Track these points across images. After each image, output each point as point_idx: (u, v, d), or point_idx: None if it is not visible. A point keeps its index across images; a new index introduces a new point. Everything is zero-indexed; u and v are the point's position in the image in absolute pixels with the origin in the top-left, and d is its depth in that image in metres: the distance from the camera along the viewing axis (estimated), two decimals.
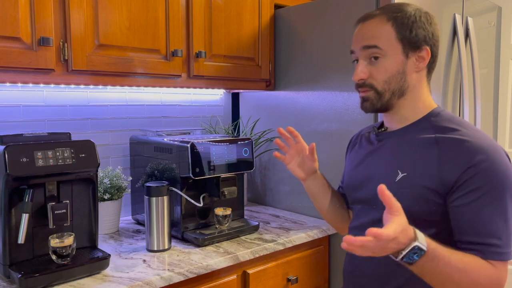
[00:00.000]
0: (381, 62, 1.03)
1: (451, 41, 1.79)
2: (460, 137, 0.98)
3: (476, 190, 0.93)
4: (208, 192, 1.67)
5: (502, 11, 2.24)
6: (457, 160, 0.95)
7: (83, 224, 1.39)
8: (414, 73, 1.05)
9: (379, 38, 1.03)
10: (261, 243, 1.56)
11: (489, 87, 2.15)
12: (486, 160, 0.93)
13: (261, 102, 2.13)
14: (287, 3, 2.03)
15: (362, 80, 1.06)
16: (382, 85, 1.04)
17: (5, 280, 1.25)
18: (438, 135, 1.01)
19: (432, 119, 1.05)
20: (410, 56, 1.03)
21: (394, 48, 1.02)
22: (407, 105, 1.07)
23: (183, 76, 1.70)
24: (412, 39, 1.02)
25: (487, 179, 0.93)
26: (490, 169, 0.93)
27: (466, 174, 0.94)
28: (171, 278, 1.30)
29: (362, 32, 1.06)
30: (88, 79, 1.46)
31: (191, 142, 1.55)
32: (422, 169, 0.99)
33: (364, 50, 1.04)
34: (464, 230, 0.96)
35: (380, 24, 1.04)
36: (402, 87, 1.04)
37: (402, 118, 1.08)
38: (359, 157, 1.18)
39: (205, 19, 1.73)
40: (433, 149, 1.00)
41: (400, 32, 1.02)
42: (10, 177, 1.20)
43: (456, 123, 1.03)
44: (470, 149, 0.95)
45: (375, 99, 1.05)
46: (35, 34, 1.31)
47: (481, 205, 0.93)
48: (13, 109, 1.62)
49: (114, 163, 1.87)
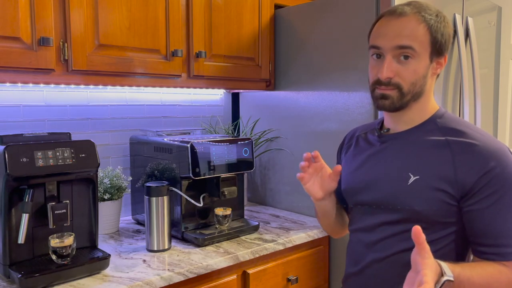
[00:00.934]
0: (411, 63, 0.99)
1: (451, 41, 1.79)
2: (471, 140, 0.98)
3: (492, 195, 0.95)
4: (208, 192, 1.67)
5: (502, 11, 2.24)
6: (472, 164, 0.96)
7: (83, 224, 1.39)
8: (430, 77, 1.04)
9: (415, 39, 0.98)
10: (261, 243, 1.56)
11: (489, 87, 2.15)
12: (499, 165, 0.95)
13: (261, 102, 2.13)
14: (287, 3, 2.03)
15: (389, 79, 1.00)
16: (408, 86, 1.00)
17: (5, 280, 1.25)
18: (449, 138, 1.01)
19: (438, 120, 1.05)
20: (433, 60, 1.02)
21: (425, 51, 1.00)
22: (418, 108, 1.05)
23: (183, 76, 1.70)
24: (441, 45, 1.01)
25: (502, 183, 0.95)
26: (504, 174, 0.95)
27: (482, 179, 0.95)
28: (171, 278, 1.30)
29: (395, 29, 0.99)
30: (88, 79, 1.46)
31: (191, 142, 1.55)
32: (436, 171, 0.98)
33: (397, 49, 0.99)
34: (481, 233, 0.97)
35: (416, 24, 0.99)
36: (421, 91, 1.03)
37: (410, 120, 1.07)
38: (360, 159, 1.15)
39: (205, 19, 1.73)
40: (445, 152, 0.99)
41: (433, 36, 1.00)
42: (10, 177, 1.20)
43: (462, 125, 1.03)
44: (483, 154, 0.96)
45: (397, 98, 1.01)
46: (35, 34, 1.31)
47: (497, 209, 0.95)
48: (13, 109, 1.62)
49: (114, 163, 1.87)
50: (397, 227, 1.02)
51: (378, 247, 1.06)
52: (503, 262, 0.95)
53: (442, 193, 0.97)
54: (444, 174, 0.97)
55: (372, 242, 1.07)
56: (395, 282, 1.04)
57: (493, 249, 0.96)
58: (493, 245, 0.96)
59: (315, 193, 1.14)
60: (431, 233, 0.99)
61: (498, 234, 0.95)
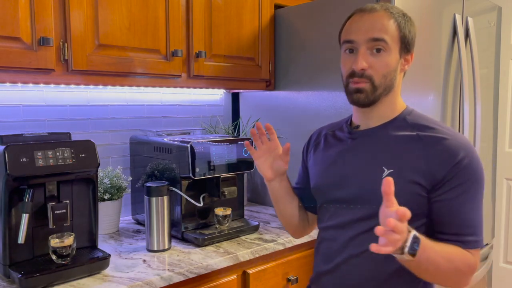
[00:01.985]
0: (383, 56, 1.03)
1: (451, 41, 1.79)
2: (441, 135, 1.03)
3: (459, 186, 1.00)
4: (208, 192, 1.67)
5: (502, 11, 2.24)
6: (443, 156, 1.00)
7: (83, 224, 1.39)
8: (399, 73, 1.09)
9: (386, 32, 1.03)
10: (261, 243, 1.56)
11: (489, 87, 2.15)
12: (467, 157, 1.00)
13: (261, 102, 2.13)
14: (287, 3, 2.03)
15: (363, 70, 1.04)
16: (380, 78, 1.04)
17: (5, 280, 1.25)
18: (420, 133, 1.05)
19: (407, 117, 1.09)
20: (402, 56, 1.07)
21: (395, 45, 1.04)
22: (388, 103, 1.09)
23: (183, 76, 1.70)
24: (408, 41, 1.06)
25: (469, 175, 1.00)
26: (471, 166, 1.00)
27: (452, 170, 0.99)
28: (171, 278, 1.30)
29: (368, 23, 1.04)
30: (88, 79, 1.46)
31: (191, 142, 1.55)
32: (409, 164, 1.02)
33: (371, 41, 1.03)
34: (447, 223, 1.01)
35: (387, 19, 1.04)
36: (392, 84, 1.07)
37: (381, 115, 1.10)
38: (330, 156, 1.16)
39: (205, 19, 1.73)
40: (418, 146, 1.03)
41: (402, 31, 1.05)
42: (10, 177, 1.20)
43: (431, 121, 1.08)
44: (453, 147, 1.01)
45: (370, 91, 1.05)
46: (35, 34, 1.31)
47: (463, 200, 1.00)
48: (13, 109, 1.62)
49: (114, 163, 1.87)
50: (373, 221, 1.03)
51: (355, 243, 1.07)
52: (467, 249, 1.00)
53: (416, 185, 1.01)
54: (417, 167, 1.01)
55: (349, 238, 1.07)
56: (371, 276, 1.06)
57: (456, 237, 1.00)
58: (457, 233, 1.00)
59: (265, 171, 1.20)
60: None
61: (462, 224, 1.00)
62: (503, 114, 2.55)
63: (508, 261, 2.62)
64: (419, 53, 1.65)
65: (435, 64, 1.73)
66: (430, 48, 1.70)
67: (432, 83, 1.72)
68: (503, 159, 2.55)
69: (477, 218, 1.02)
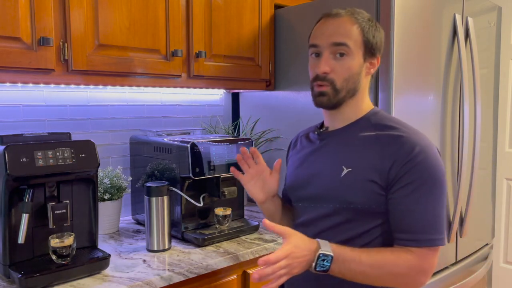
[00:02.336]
0: (346, 60, 1.07)
1: (451, 41, 1.79)
2: (397, 133, 1.05)
3: (413, 182, 1.00)
4: (208, 192, 1.67)
5: (502, 11, 2.24)
6: (398, 154, 1.02)
7: (83, 224, 1.39)
8: (365, 76, 1.11)
9: (349, 37, 1.06)
10: (261, 243, 1.56)
11: (489, 87, 2.14)
12: (421, 154, 1.01)
13: (261, 102, 2.13)
14: (287, 3, 2.03)
15: (325, 74, 1.07)
16: (341, 82, 1.07)
17: (5, 280, 1.25)
18: (379, 133, 1.07)
19: (372, 118, 1.12)
20: (366, 60, 1.10)
21: (358, 49, 1.07)
22: (353, 105, 1.12)
23: (183, 76, 1.70)
24: (373, 46, 1.09)
25: (421, 173, 1.00)
26: (424, 164, 1.01)
27: (405, 167, 1.00)
28: (171, 278, 1.30)
29: (331, 28, 1.08)
30: (88, 79, 1.46)
31: (191, 142, 1.55)
32: (366, 164, 1.04)
33: (333, 46, 1.07)
34: (401, 220, 1.02)
35: (350, 24, 1.07)
36: (355, 88, 1.09)
37: (346, 117, 1.13)
38: (302, 157, 1.20)
39: (205, 19, 1.73)
40: (375, 145, 1.05)
41: (365, 36, 1.08)
42: (10, 177, 1.20)
43: (393, 121, 1.10)
44: (408, 144, 1.02)
45: (332, 95, 1.08)
46: (35, 34, 1.31)
47: (417, 197, 1.00)
48: (13, 109, 1.62)
49: (114, 163, 1.87)
50: (333, 220, 1.08)
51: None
52: (411, 248, 1.00)
53: (373, 184, 1.03)
54: (374, 166, 1.03)
55: (312, 235, 1.09)
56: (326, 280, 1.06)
57: (408, 235, 1.01)
58: (409, 231, 1.01)
59: (257, 195, 1.22)
60: (362, 224, 1.05)
61: (416, 221, 1.00)
62: (503, 114, 2.55)
63: (508, 261, 2.62)
64: (419, 53, 1.66)
65: (435, 64, 1.73)
66: (430, 48, 1.70)
67: (432, 83, 1.72)
68: (503, 159, 2.55)
69: (433, 216, 1.01)
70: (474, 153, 1.92)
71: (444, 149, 1.79)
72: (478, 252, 2.12)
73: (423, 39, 1.66)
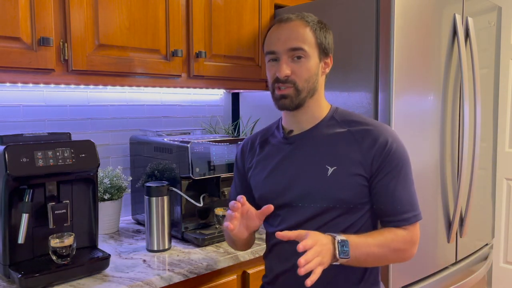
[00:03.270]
0: (303, 62, 1.12)
1: (451, 41, 1.79)
2: (366, 126, 1.14)
3: (392, 170, 1.10)
4: (208, 192, 1.67)
5: (502, 11, 2.24)
6: (374, 145, 1.10)
7: (83, 224, 1.39)
8: (321, 76, 1.17)
9: (304, 41, 1.11)
10: (261, 243, 1.56)
11: (489, 87, 2.14)
12: (394, 143, 1.12)
13: (261, 102, 2.13)
14: (287, 3, 2.03)
15: (287, 77, 1.11)
16: (303, 83, 1.12)
17: (5, 280, 1.25)
18: (350, 128, 1.15)
19: (335, 115, 1.18)
20: (321, 60, 1.16)
21: (313, 51, 1.13)
22: (315, 104, 1.17)
23: (183, 76, 1.70)
24: (326, 46, 1.15)
25: (397, 160, 1.11)
26: (398, 151, 1.12)
27: (383, 156, 1.10)
28: (171, 278, 1.30)
29: (286, 33, 1.12)
30: (88, 79, 1.45)
31: (191, 142, 1.55)
32: (349, 159, 1.11)
33: (290, 51, 1.11)
34: (387, 205, 1.11)
35: (303, 28, 1.12)
36: (314, 87, 1.15)
37: (310, 117, 1.17)
38: (270, 164, 1.20)
39: (205, 19, 1.73)
40: (351, 141, 1.13)
41: (318, 38, 1.14)
42: (10, 177, 1.20)
43: (355, 116, 1.18)
44: (379, 134, 1.11)
45: (294, 96, 1.12)
46: (35, 34, 1.31)
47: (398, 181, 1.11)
48: (13, 109, 1.62)
49: (114, 163, 1.87)
50: (324, 217, 1.12)
51: None
52: (405, 226, 1.12)
53: (358, 177, 1.10)
54: (356, 160, 1.11)
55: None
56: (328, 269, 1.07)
57: (398, 217, 1.11)
58: (397, 213, 1.11)
59: (241, 235, 1.16)
60: (351, 215, 1.12)
61: (398, 204, 1.11)
62: (503, 114, 2.55)
63: (508, 261, 2.62)
64: (419, 53, 1.66)
65: (435, 64, 1.73)
66: (430, 48, 1.70)
67: (432, 83, 1.72)
68: (503, 159, 2.55)
69: (411, 195, 1.13)
70: (474, 153, 1.92)
71: (444, 149, 1.79)
72: (478, 252, 2.12)
73: (423, 39, 1.66)
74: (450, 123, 1.83)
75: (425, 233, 1.75)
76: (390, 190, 1.11)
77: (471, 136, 1.91)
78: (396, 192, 1.11)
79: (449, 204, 1.84)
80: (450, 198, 1.84)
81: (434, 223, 1.78)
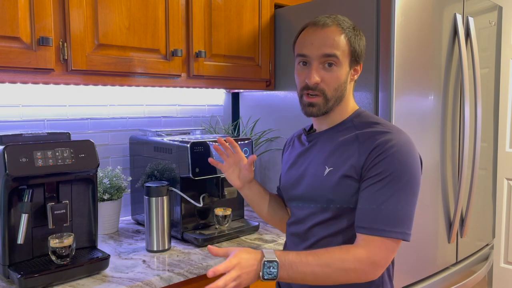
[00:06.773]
0: (334, 70, 1.09)
1: (452, 41, 1.79)
2: (377, 129, 1.08)
3: (378, 174, 1.01)
4: (208, 192, 1.67)
5: (502, 11, 2.23)
6: (371, 148, 1.04)
7: (83, 224, 1.39)
8: (349, 83, 1.14)
9: (338, 49, 1.08)
10: (261, 244, 1.56)
11: (490, 87, 2.14)
12: (394, 148, 1.02)
13: (261, 102, 2.13)
14: (287, 3, 2.03)
15: (316, 84, 1.09)
16: (332, 92, 1.10)
17: (4, 280, 1.25)
18: (358, 132, 1.10)
19: (355, 119, 1.15)
20: (351, 68, 1.13)
21: (346, 59, 1.10)
22: (339, 110, 1.15)
23: (183, 76, 1.70)
24: (358, 54, 1.12)
25: (388, 166, 1.01)
26: (395, 157, 1.01)
27: (375, 159, 1.02)
28: (171, 278, 1.30)
29: (320, 39, 1.09)
30: (88, 79, 1.45)
31: (191, 142, 1.55)
32: (345, 161, 1.07)
33: (323, 57, 1.08)
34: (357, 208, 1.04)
35: (338, 35, 1.09)
36: (342, 95, 1.12)
37: (332, 120, 1.16)
38: (292, 158, 1.25)
39: (205, 19, 1.73)
40: (354, 143, 1.09)
41: (352, 46, 1.10)
42: (9, 177, 1.20)
43: (376, 120, 1.13)
44: (383, 138, 1.04)
45: (322, 105, 1.11)
46: (34, 34, 1.30)
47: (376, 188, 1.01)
48: (13, 109, 1.61)
49: (113, 163, 1.87)
50: (319, 217, 1.12)
51: (308, 236, 1.15)
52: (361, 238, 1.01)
53: (350, 179, 1.06)
54: (352, 163, 1.06)
55: (303, 232, 1.16)
56: None
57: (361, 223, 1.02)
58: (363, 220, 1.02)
59: (234, 181, 1.29)
60: (342, 220, 1.08)
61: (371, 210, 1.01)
62: (503, 114, 2.55)
63: (508, 261, 2.62)
64: (419, 53, 1.65)
65: (436, 64, 1.73)
66: (431, 48, 1.70)
67: (432, 83, 1.72)
68: (503, 159, 2.55)
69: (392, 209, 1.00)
70: (474, 153, 1.92)
71: (444, 149, 1.79)
72: (478, 253, 2.11)
73: (423, 39, 1.66)
74: (451, 123, 1.82)
75: (425, 234, 1.75)
76: (367, 192, 1.02)
77: (471, 136, 1.90)
78: (371, 196, 1.01)
79: (449, 204, 1.84)
80: (451, 198, 1.84)
81: (434, 223, 1.78)
